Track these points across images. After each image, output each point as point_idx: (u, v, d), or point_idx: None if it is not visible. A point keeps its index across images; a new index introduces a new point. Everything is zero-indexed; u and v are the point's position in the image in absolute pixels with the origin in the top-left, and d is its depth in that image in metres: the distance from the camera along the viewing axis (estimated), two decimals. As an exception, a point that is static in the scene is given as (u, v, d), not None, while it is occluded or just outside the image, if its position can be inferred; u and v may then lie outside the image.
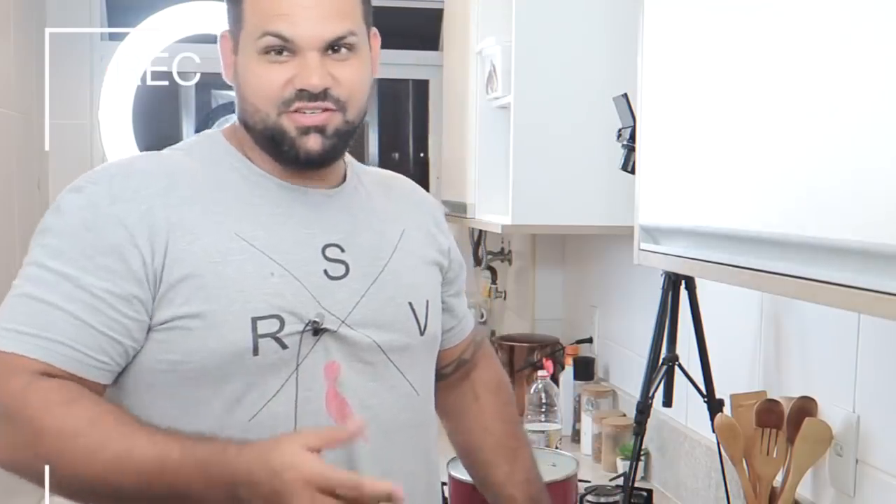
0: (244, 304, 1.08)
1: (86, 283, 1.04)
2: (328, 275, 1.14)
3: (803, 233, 0.98)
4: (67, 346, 1.03)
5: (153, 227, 1.07)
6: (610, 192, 1.99)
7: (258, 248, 1.11)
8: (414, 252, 1.26)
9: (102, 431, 1.01)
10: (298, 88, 1.11)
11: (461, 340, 1.41)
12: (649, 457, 2.16)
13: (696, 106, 1.25)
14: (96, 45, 3.10)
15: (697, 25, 1.24)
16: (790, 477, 1.48)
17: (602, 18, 2.03)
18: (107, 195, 1.08)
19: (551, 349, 2.70)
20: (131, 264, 1.05)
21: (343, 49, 1.12)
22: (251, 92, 1.13)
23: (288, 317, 1.10)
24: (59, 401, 1.01)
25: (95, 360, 1.05)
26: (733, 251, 1.15)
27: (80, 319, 1.04)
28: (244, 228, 1.11)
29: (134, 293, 1.06)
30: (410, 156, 3.43)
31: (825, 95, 0.94)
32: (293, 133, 1.12)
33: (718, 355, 1.71)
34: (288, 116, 1.12)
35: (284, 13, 1.09)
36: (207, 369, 1.08)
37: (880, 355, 1.39)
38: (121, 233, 1.06)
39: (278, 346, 1.09)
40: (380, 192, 1.28)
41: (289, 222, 1.15)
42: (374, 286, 1.17)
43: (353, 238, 1.18)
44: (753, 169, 1.08)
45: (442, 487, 1.92)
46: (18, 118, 2.62)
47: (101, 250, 1.05)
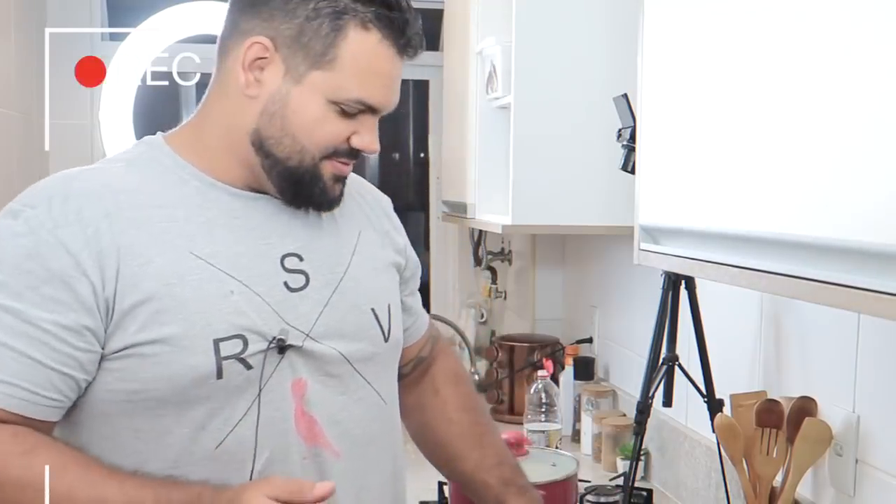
0: (205, 327, 1.03)
1: (31, 317, 0.98)
2: (288, 287, 1.10)
3: (803, 233, 0.98)
4: (16, 386, 0.98)
5: (101, 252, 1.00)
6: (610, 192, 1.99)
7: (215, 265, 1.05)
8: (373, 255, 1.22)
9: (69, 482, 0.97)
10: (354, 147, 1.10)
11: (419, 338, 1.37)
12: (649, 457, 2.16)
13: (696, 106, 1.25)
14: (96, 46, 3.10)
15: (697, 25, 1.24)
16: (790, 477, 1.48)
17: (602, 18, 2.03)
18: (47, 219, 1.00)
19: (551, 349, 2.70)
20: (79, 293, 0.99)
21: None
22: (302, 130, 1.07)
23: (251, 336, 1.05)
24: (17, 452, 0.97)
25: (47, 399, 1.00)
26: (733, 251, 1.15)
27: (27, 356, 0.98)
28: (199, 246, 1.05)
29: (84, 324, 1.00)
30: (410, 156, 3.43)
31: (825, 95, 0.94)
32: (327, 180, 1.10)
33: (718, 355, 1.71)
34: (329, 163, 1.10)
35: (384, 83, 1.08)
36: (167, 397, 1.03)
37: (880, 355, 1.39)
38: (66, 260, 0.99)
39: (243, 367, 1.04)
40: None
41: (246, 236, 1.09)
42: (335, 294, 1.13)
43: (311, 245, 1.14)
44: (753, 169, 1.08)
45: (441, 487, 1.93)
46: (18, 118, 2.62)
47: (45, 280, 0.98)
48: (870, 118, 0.87)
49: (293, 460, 1.09)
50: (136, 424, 1.04)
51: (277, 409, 1.08)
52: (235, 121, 1.10)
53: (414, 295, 1.36)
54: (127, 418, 1.04)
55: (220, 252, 1.06)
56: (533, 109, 2.05)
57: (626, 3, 1.72)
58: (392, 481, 1.23)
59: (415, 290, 1.36)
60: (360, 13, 1.06)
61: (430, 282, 3.20)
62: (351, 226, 1.21)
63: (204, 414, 1.04)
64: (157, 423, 1.04)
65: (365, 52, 1.06)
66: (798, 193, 0.99)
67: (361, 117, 1.09)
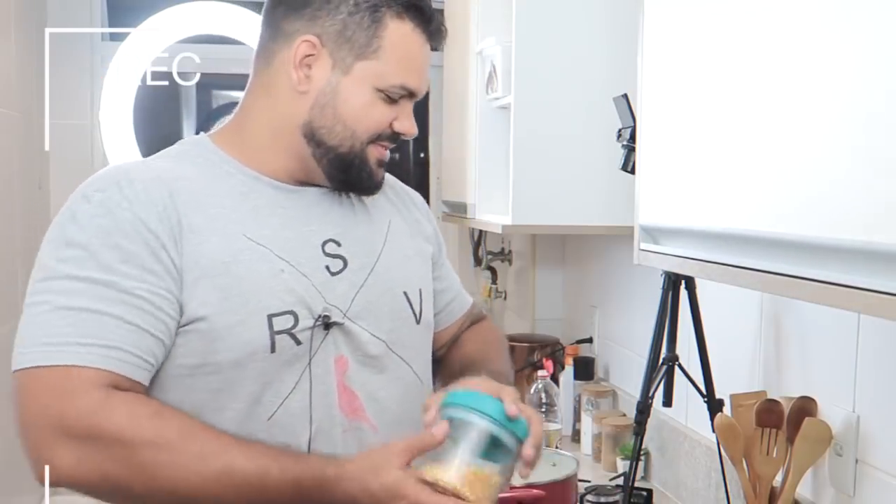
0: (258, 302, 1.09)
1: (126, 287, 1.04)
2: (329, 270, 1.17)
3: (803, 233, 0.98)
4: (126, 351, 1.03)
5: (171, 227, 1.08)
6: (610, 192, 2.00)
7: (266, 246, 1.12)
8: (403, 243, 1.29)
9: (198, 444, 1.02)
10: (396, 131, 1.19)
11: (454, 321, 1.42)
12: (649, 457, 2.16)
13: (696, 106, 1.25)
14: (97, 46, 3.10)
15: (697, 26, 1.24)
16: (790, 477, 1.48)
17: (602, 18, 2.03)
18: (121, 199, 1.07)
19: (551, 349, 2.70)
20: (164, 263, 1.06)
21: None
22: (353, 117, 1.16)
23: (301, 311, 1.12)
24: (145, 414, 1.02)
25: (147, 363, 1.06)
26: (733, 251, 1.15)
27: (131, 323, 1.04)
28: (250, 229, 1.13)
29: (172, 291, 1.07)
30: (410, 156, 3.43)
31: (825, 95, 0.94)
32: (373, 164, 1.19)
33: (718, 355, 1.71)
34: (374, 147, 1.18)
35: (419, 68, 1.18)
36: (224, 371, 1.09)
37: (880, 355, 1.39)
38: (147, 234, 1.06)
39: (293, 342, 1.11)
40: None
41: (290, 222, 1.17)
42: (370, 277, 1.20)
43: (348, 232, 1.21)
44: (753, 169, 1.08)
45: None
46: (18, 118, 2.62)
47: (132, 253, 1.05)
48: (870, 118, 0.87)
49: (335, 433, 1.15)
50: (195, 400, 1.09)
51: (322, 384, 1.14)
52: (285, 117, 1.18)
53: (446, 278, 1.41)
54: (188, 394, 1.09)
55: (269, 235, 1.14)
56: (533, 109, 2.05)
57: (626, 3, 1.72)
58: None
59: (447, 274, 1.41)
60: (395, 4, 1.16)
61: (430, 282, 3.20)
62: (381, 216, 1.28)
63: (258, 388, 1.10)
64: (214, 398, 1.09)
65: (403, 40, 1.16)
66: (798, 193, 0.99)
67: (402, 103, 1.18)
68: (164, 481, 1.00)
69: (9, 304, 2.56)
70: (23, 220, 2.64)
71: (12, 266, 2.57)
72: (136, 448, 1.00)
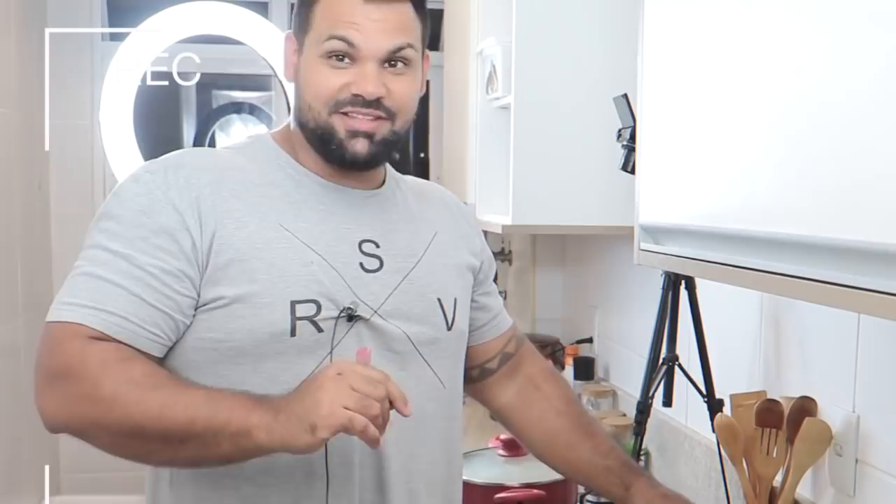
0: (284, 288, 1.14)
1: (141, 262, 1.11)
2: (364, 267, 1.21)
3: (803, 233, 0.98)
4: (121, 317, 1.10)
5: (202, 213, 1.14)
6: (610, 192, 2.00)
7: (300, 238, 1.18)
8: (445, 254, 1.32)
9: (157, 380, 1.08)
10: (354, 94, 1.18)
11: (499, 334, 1.46)
12: (649, 457, 2.16)
13: (696, 106, 1.25)
14: (97, 46, 3.10)
15: (697, 25, 1.24)
16: (790, 477, 1.48)
17: (602, 18, 2.03)
18: (162, 182, 1.15)
19: (551, 349, 2.70)
20: (182, 244, 1.13)
21: (399, 63, 1.19)
22: (309, 91, 1.20)
23: (325, 302, 1.16)
24: (115, 358, 1.08)
25: (148, 332, 1.12)
26: (733, 251, 1.15)
27: (134, 294, 1.11)
28: (287, 220, 1.18)
29: (184, 270, 1.13)
30: (410, 156, 3.43)
31: (825, 96, 0.94)
32: (342, 134, 1.19)
33: (718, 355, 1.71)
34: (338, 117, 1.19)
35: (353, 21, 1.17)
36: (247, 348, 1.14)
37: (880, 355, 1.39)
38: (174, 216, 1.13)
39: (314, 329, 1.15)
40: (415, 197, 1.35)
41: (329, 218, 1.21)
42: (405, 281, 1.23)
43: (388, 236, 1.25)
44: (753, 169, 1.08)
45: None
46: (18, 118, 2.62)
47: (155, 232, 1.13)
48: (869, 118, 0.87)
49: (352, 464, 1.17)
50: (219, 371, 1.15)
51: None
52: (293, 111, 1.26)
53: (491, 295, 1.45)
54: (210, 366, 1.15)
55: (306, 228, 1.19)
56: (533, 109, 2.05)
57: (626, 3, 1.72)
58: (446, 465, 1.28)
59: (491, 291, 1.46)
60: None
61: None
62: (429, 226, 1.32)
63: (277, 367, 1.15)
64: (235, 371, 1.15)
65: (331, 4, 1.19)
66: (798, 193, 0.99)
67: (357, 66, 1.18)
68: (121, 409, 1.05)
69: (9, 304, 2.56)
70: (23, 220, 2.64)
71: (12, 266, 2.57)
72: (99, 385, 1.06)
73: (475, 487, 1.56)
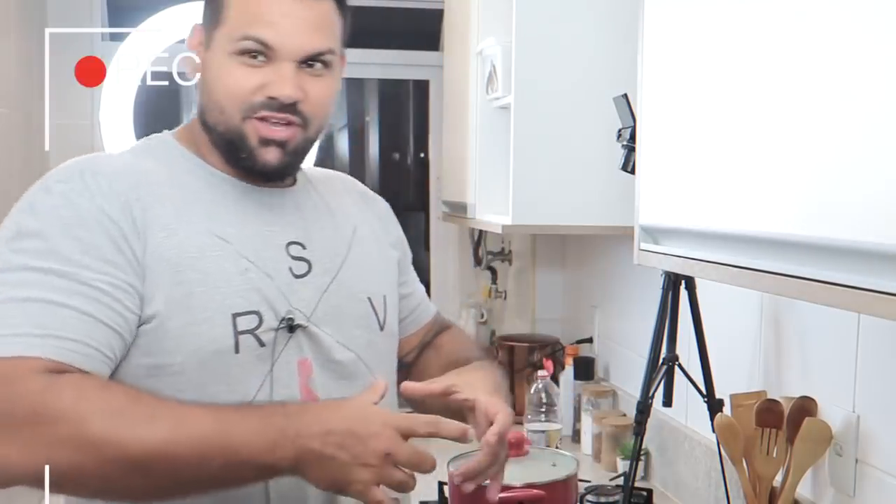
0: (223, 301, 1.06)
1: (86, 278, 1.00)
2: (293, 273, 1.14)
3: (803, 233, 0.98)
4: (80, 342, 0.98)
5: (134, 221, 1.04)
6: (610, 192, 1.99)
7: (231, 244, 1.10)
8: (367, 248, 1.25)
9: (150, 405, 0.96)
10: (269, 96, 1.10)
11: (420, 327, 1.39)
12: (649, 457, 2.16)
13: (696, 106, 1.25)
14: (97, 46, 3.10)
15: (698, 25, 1.24)
16: (790, 477, 1.48)
17: (602, 18, 2.03)
18: (84, 190, 1.04)
19: (551, 349, 2.70)
20: (126, 255, 1.03)
21: (318, 65, 1.12)
22: (219, 91, 1.11)
23: (265, 313, 1.09)
24: (92, 386, 0.96)
25: (104, 356, 1.01)
26: (733, 251, 1.15)
27: (87, 314, 1.00)
28: (215, 226, 1.10)
29: (132, 283, 1.03)
30: (410, 156, 3.43)
31: (825, 95, 0.94)
32: (254, 142, 1.11)
33: (718, 355, 1.71)
34: (251, 123, 1.11)
35: (270, 20, 1.09)
36: (188, 372, 1.05)
37: (880, 355, 1.39)
38: (109, 225, 1.03)
39: (257, 343, 1.08)
40: (327, 189, 1.28)
41: (252, 221, 1.14)
42: (333, 283, 1.17)
43: (312, 235, 1.18)
44: (753, 169, 1.08)
45: (441, 487, 1.93)
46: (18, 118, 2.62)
47: (94, 244, 1.02)
48: (870, 118, 0.87)
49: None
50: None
51: (286, 387, 1.11)
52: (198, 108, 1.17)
53: (411, 284, 1.38)
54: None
55: (234, 233, 1.11)
56: (533, 109, 2.05)
57: (626, 3, 1.72)
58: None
59: (412, 281, 1.38)
60: None
61: (430, 282, 3.20)
62: (346, 220, 1.25)
63: (222, 391, 1.06)
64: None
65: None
66: (798, 193, 0.99)
67: (273, 66, 1.10)
68: (115, 448, 0.92)
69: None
70: (23, 220, 2.63)
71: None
72: (85, 421, 0.93)
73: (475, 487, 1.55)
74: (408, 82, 3.42)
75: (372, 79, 3.41)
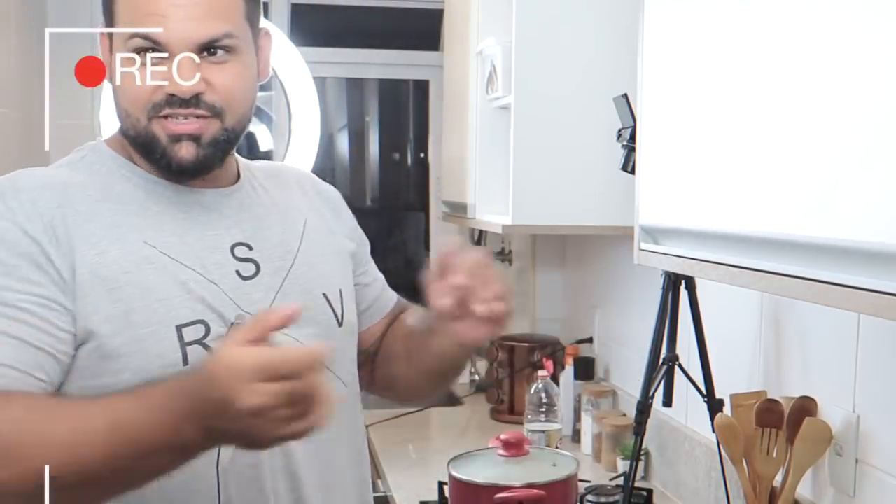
0: (166, 313, 1.03)
1: (9, 299, 0.97)
2: (240, 275, 1.10)
3: (804, 233, 0.98)
4: (7, 366, 0.95)
5: (58, 241, 1.01)
6: (610, 192, 1.99)
7: (169, 255, 1.06)
8: (320, 241, 1.22)
9: (47, 410, 0.93)
10: (168, 93, 1.05)
11: (382, 317, 1.35)
12: (649, 456, 2.16)
13: (696, 106, 1.25)
14: (97, 46, 3.10)
15: (698, 25, 1.24)
16: (790, 477, 1.48)
17: (602, 18, 2.03)
18: (5, 210, 1.01)
19: (551, 349, 2.70)
20: (51, 275, 0.99)
21: (220, 51, 1.06)
22: (121, 96, 1.08)
23: (212, 320, 1.05)
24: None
25: (35, 379, 0.97)
26: (733, 251, 1.15)
27: (12, 337, 0.96)
28: (151, 237, 1.06)
29: (59, 301, 0.99)
30: (410, 156, 3.43)
31: (825, 95, 0.94)
32: (164, 140, 1.06)
33: (718, 355, 1.71)
34: (158, 122, 1.06)
35: (156, 13, 1.04)
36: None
37: (880, 355, 1.39)
38: (30, 244, 0.99)
39: (206, 352, 1.03)
40: (274, 184, 1.24)
41: (194, 227, 1.10)
42: (286, 281, 1.14)
43: (259, 234, 1.15)
44: (754, 169, 1.08)
45: (441, 487, 1.93)
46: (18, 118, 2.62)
47: (15, 265, 0.98)
48: (869, 118, 0.87)
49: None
50: None
51: None
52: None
53: (370, 274, 1.34)
54: None
55: (172, 243, 1.07)
56: (533, 109, 2.05)
57: (626, 3, 1.72)
58: (356, 462, 1.23)
59: (371, 270, 1.34)
60: None
61: (431, 282, 3.20)
62: (296, 214, 1.22)
63: None
64: None
65: None
66: (798, 193, 0.99)
67: (170, 61, 1.05)
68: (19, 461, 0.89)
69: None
70: (23, 220, 2.63)
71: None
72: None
73: (475, 487, 1.55)
74: (408, 82, 3.43)
75: (372, 79, 3.41)
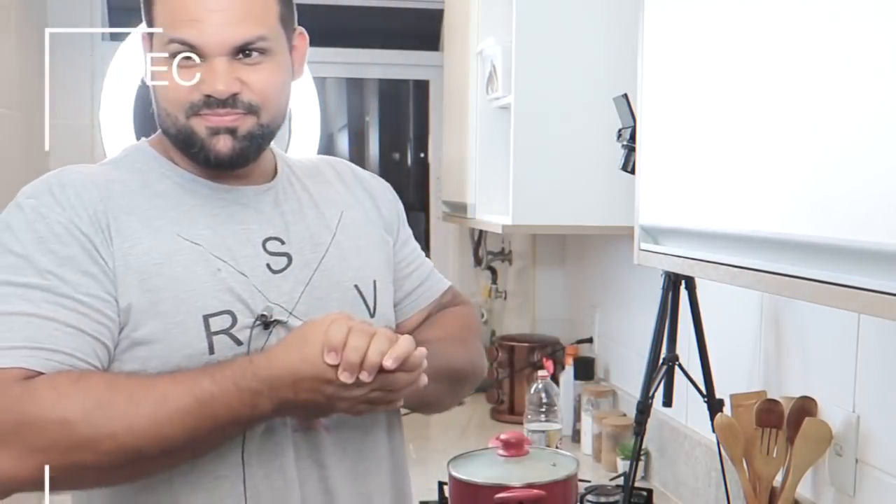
0: (194, 303, 1.07)
1: (65, 291, 1.02)
2: (271, 268, 1.14)
3: (804, 233, 0.98)
4: (67, 354, 1.00)
5: (103, 232, 1.06)
6: (610, 192, 2.00)
7: (202, 246, 1.10)
8: (356, 234, 1.24)
9: (126, 390, 0.98)
10: (205, 94, 1.09)
11: (422, 308, 1.34)
12: (649, 457, 2.16)
13: (696, 106, 1.25)
14: (97, 46, 3.10)
15: (698, 25, 1.24)
16: (790, 477, 1.48)
17: (602, 18, 2.03)
18: (54, 204, 1.06)
19: (551, 349, 2.70)
20: (99, 263, 1.05)
21: (254, 53, 1.10)
22: (161, 96, 1.13)
23: (240, 311, 1.09)
24: (66, 382, 0.97)
25: (90, 366, 1.02)
26: (733, 251, 1.15)
27: (71, 326, 1.01)
28: (185, 229, 1.11)
29: (108, 290, 1.04)
30: (410, 156, 3.43)
31: (825, 95, 0.94)
32: (203, 134, 1.11)
33: (718, 355, 1.71)
34: (196, 119, 1.11)
35: (192, 18, 1.08)
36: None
37: (880, 355, 1.39)
38: (81, 237, 1.05)
39: (233, 342, 1.08)
40: (313, 179, 1.27)
41: (227, 222, 1.14)
42: (316, 274, 1.16)
43: (292, 229, 1.18)
44: (753, 169, 1.08)
45: (441, 487, 1.93)
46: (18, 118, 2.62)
47: (68, 257, 1.03)
48: (869, 118, 0.87)
49: (285, 433, 1.12)
50: None
51: None
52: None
53: (412, 264, 1.34)
54: None
55: (205, 235, 1.11)
56: (533, 109, 2.05)
57: (626, 3, 1.72)
58: (391, 449, 1.23)
59: (413, 260, 1.34)
60: None
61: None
62: (333, 207, 1.24)
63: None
64: None
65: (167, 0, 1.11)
66: (798, 193, 0.99)
67: (206, 63, 1.09)
68: (105, 442, 0.96)
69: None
70: (23, 220, 2.63)
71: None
72: (67, 421, 0.95)
73: (475, 487, 1.55)
74: (408, 82, 3.42)
75: (372, 79, 3.41)
